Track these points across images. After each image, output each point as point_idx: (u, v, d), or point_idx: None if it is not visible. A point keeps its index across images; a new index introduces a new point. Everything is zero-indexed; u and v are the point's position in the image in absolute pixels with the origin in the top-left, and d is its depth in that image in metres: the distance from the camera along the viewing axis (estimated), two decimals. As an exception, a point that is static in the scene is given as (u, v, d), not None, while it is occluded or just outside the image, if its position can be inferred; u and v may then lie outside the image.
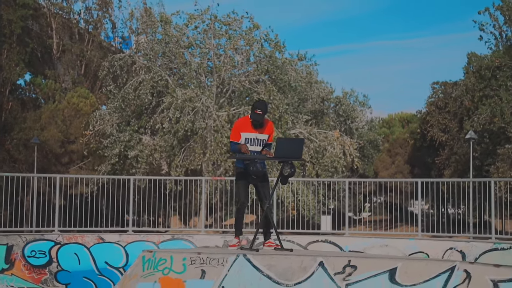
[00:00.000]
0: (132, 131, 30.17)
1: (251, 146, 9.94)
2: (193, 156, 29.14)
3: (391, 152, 44.40)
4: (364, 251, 14.44)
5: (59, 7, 39.37)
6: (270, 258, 8.87)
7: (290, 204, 26.03)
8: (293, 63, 31.93)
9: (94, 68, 37.80)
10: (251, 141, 9.94)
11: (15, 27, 33.51)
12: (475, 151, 32.10)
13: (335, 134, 31.25)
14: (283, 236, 14.72)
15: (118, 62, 30.84)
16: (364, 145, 40.17)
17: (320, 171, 29.95)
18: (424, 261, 8.83)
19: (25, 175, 17.60)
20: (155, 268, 9.09)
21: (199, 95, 28.47)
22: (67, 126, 33.78)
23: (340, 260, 8.60)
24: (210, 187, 23.42)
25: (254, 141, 9.96)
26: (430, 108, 37.87)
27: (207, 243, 15.39)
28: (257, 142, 9.98)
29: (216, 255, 9.04)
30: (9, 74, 33.30)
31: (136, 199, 17.56)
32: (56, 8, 39.35)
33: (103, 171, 29.96)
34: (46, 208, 16.39)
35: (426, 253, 14.35)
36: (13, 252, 14.02)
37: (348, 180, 17.43)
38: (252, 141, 9.95)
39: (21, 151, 33.53)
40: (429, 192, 16.27)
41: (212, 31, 29.82)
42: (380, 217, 35.52)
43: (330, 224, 27.20)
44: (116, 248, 15.10)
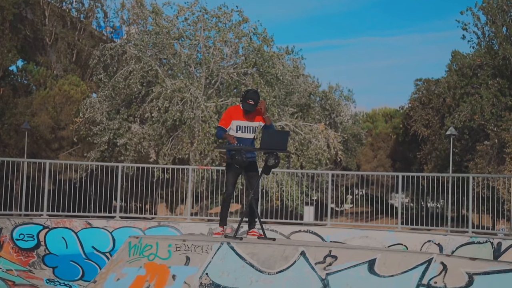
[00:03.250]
0: (121, 119, 30.10)
1: (242, 133, 9.99)
2: (180, 145, 29.11)
3: (374, 146, 44.53)
4: (345, 242, 14.50)
5: (52, -5, 39.10)
6: (253, 246, 8.91)
7: (274, 195, 26.08)
8: (281, 57, 31.90)
9: (85, 57, 37.59)
10: (242, 129, 10.00)
11: (8, 13, 33.24)
12: (455, 147, 32.28)
13: (320, 127, 31.29)
14: (267, 226, 14.74)
15: (109, 52, 30.69)
16: (348, 139, 40.31)
17: (305, 163, 30.01)
18: (402, 253, 8.89)
19: (15, 160, 17.54)
20: (141, 253, 9.12)
21: (188, 85, 28.43)
22: (57, 113, 33.63)
23: (321, 250, 8.66)
24: (196, 176, 23.42)
25: (246, 128, 10.01)
26: (414, 104, 37.98)
27: (192, 230, 15.39)
28: (248, 130, 10.03)
29: (201, 242, 9.08)
30: (1, 60, 33.06)
31: (124, 186, 17.54)
32: (49, -4, 39.06)
33: (92, 158, 29.89)
34: (35, 192, 16.35)
35: (405, 245, 14.42)
36: (1, 235, 13.97)
37: (331, 172, 17.47)
38: (243, 129, 10.00)
39: (12, 136, 33.37)
40: (410, 186, 16.37)
41: (202, 23, 29.75)
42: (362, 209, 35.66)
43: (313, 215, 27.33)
44: (103, 233, 15.09)
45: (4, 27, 33.27)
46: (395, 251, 9.51)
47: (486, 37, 33.35)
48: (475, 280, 7.61)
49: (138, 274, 8.97)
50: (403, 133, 40.23)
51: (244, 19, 30.19)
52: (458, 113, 31.51)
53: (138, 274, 8.97)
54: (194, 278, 8.70)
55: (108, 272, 9.23)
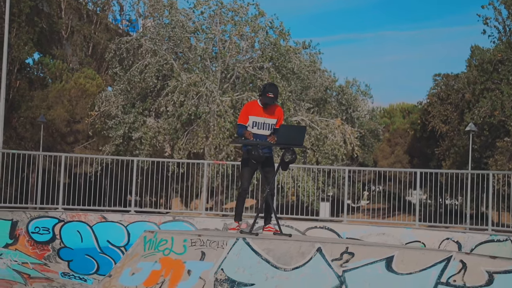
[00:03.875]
0: (136, 113, 30.15)
1: (258, 129, 9.89)
2: (196, 140, 29.12)
3: (391, 142, 44.37)
4: (361, 239, 14.44)
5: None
6: (269, 242, 8.88)
7: (290, 190, 26.04)
8: (297, 51, 31.81)
9: (101, 50, 37.74)
10: (258, 125, 9.90)
11: (24, 6, 33.40)
12: (475, 144, 32.07)
13: (336, 122, 31.18)
14: (282, 221, 14.73)
15: (125, 45, 30.76)
16: (365, 134, 40.16)
17: (321, 159, 29.93)
18: (420, 250, 8.82)
19: (31, 153, 17.62)
20: (156, 248, 9.12)
21: (204, 79, 28.41)
22: (73, 106, 33.80)
23: (338, 247, 8.61)
24: (211, 171, 23.43)
25: (262, 125, 9.92)
26: (432, 99, 37.77)
27: (207, 225, 15.40)
28: (264, 126, 9.93)
29: (216, 237, 9.06)
30: (17, 52, 33.23)
31: (139, 180, 17.56)
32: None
33: (107, 152, 29.98)
34: (50, 186, 16.43)
35: (422, 243, 14.34)
36: (17, 228, 14.05)
37: (348, 168, 17.41)
38: (259, 125, 9.90)
39: (28, 129, 33.58)
40: (428, 183, 16.27)
41: (218, 17, 29.71)
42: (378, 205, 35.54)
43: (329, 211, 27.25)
44: (118, 228, 15.14)
45: (20, 20, 33.42)
46: (413, 249, 9.46)
47: (507, 31, 33.07)
48: (495, 279, 7.54)
49: (153, 268, 8.97)
50: (421, 129, 40.03)
51: (260, 13, 30.11)
52: (478, 109, 31.27)
53: (153, 268, 8.97)
54: (210, 273, 8.69)
55: (123, 267, 9.24)
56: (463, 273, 7.74)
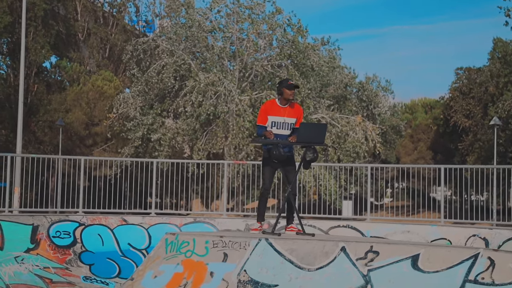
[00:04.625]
0: (155, 115, 30.26)
1: (277, 129, 9.80)
2: (215, 140, 29.17)
3: (414, 138, 44.15)
4: (385, 237, 14.36)
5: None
6: (292, 242, 8.84)
7: (311, 189, 25.98)
8: (316, 48, 31.74)
9: (118, 52, 37.94)
10: (278, 125, 9.81)
11: (38, 9, 33.65)
12: (499, 138, 31.80)
13: (357, 119, 31.07)
14: (305, 221, 14.67)
15: (142, 46, 30.86)
16: (387, 131, 39.94)
17: (342, 156, 29.85)
18: (447, 248, 8.75)
19: (50, 157, 17.73)
20: (178, 250, 9.11)
21: (222, 79, 28.44)
22: (91, 109, 34.01)
23: (362, 246, 8.55)
24: (232, 171, 23.43)
25: (281, 124, 9.83)
26: (454, 94, 37.53)
27: (228, 226, 15.39)
28: (284, 126, 9.85)
29: (238, 238, 9.04)
30: (35, 56, 33.52)
31: (159, 181, 17.60)
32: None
33: (126, 154, 30.11)
34: (70, 189, 16.52)
35: (448, 240, 14.22)
36: (38, 232, 14.13)
37: (370, 166, 17.30)
38: (279, 125, 9.81)
39: (46, 132, 33.86)
40: (452, 179, 16.13)
41: (235, 15, 29.72)
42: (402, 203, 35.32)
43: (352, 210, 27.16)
44: (139, 230, 15.17)
45: (36, 23, 33.69)
46: (439, 246, 9.37)
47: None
48: (525, 276, 7.46)
49: (175, 271, 8.97)
50: (444, 124, 39.78)
51: (277, 10, 30.10)
52: (502, 102, 31.03)
53: (176, 271, 8.97)
54: (232, 275, 8.68)
55: (145, 270, 9.25)
56: (491, 270, 7.66)
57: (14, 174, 19.47)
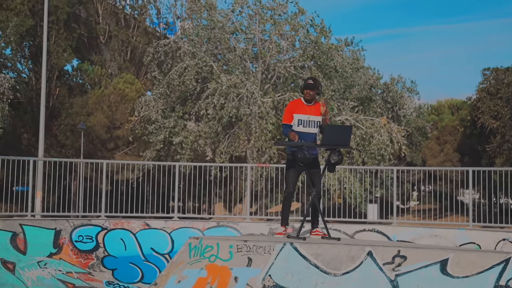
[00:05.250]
0: (177, 117, 30.31)
1: (304, 127, 9.80)
2: (237, 143, 29.16)
3: (440, 140, 43.82)
4: (413, 241, 14.25)
5: (105, -8, 39.77)
6: (317, 246, 8.80)
7: (335, 192, 25.87)
8: (339, 49, 31.62)
9: (140, 54, 38.13)
10: (304, 123, 9.81)
11: (61, 13, 33.93)
12: (528, 139, 31.47)
13: (382, 121, 30.88)
14: (329, 225, 14.59)
15: (163, 48, 30.95)
16: (412, 132, 39.63)
17: (367, 159, 29.67)
18: (476, 252, 8.65)
19: (72, 160, 17.86)
20: (201, 255, 9.10)
21: (244, 81, 28.43)
22: (113, 112, 34.21)
23: (389, 250, 8.48)
24: (255, 174, 23.42)
25: (307, 122, 9.82)
26: (481, 95, 37.22)
27: (252, 230, 15.37)
28: (310, 124, 9.84)
29: (263, 243, 9.01)
30: (56, 59, 33.81)
31: (181, 185, 17.63)
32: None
33: (148, 157, 30.18)
34: (92, 193, 16.59)
35: (477, 244, 14.08)
36: (61, 237, 14.22)
37: (396, 168, 17.20)
38: (305, 123, 9.81)
39: (68, 136, 34.11)
40: (480, 181, 15.97)
41: (258, 16, 29.71)
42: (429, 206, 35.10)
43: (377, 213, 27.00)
44: (162, 234, 15.20)
45: (59, 27, 33.97)
46: (468, 251, 9.29)
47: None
48: (558, 281, 7.35)
49: (199, 276, 8.96)
50: (471, 125, 39.46)
51: (300, 11, 30.04)
52: (530, 102, 30.70)
53: (199, 276, 8.96)
54: (257, 280, 8.65)
55: (169, 274, 9.25)
56: (523, 276, 7.56)
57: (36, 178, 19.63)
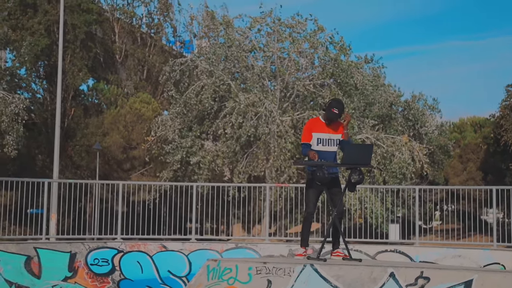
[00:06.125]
0: (194, 137, 30.37)
1: (323, 146, 9.77)
2: (256, 162, 29.16)
3: (463, 158, 43.57)
4: (436, 262, 14.18)
5: (122, 11, 40.11)
6: (338, 268, 8.78)
7: (356, 212, 25.78)
8: (359, 66, 31.64)
9: (156, 73, 38.33)
10: (323, 141, 9.78)
11: (79, 32, 34.27)
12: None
13: (403, 139, 30.78)
14: (350, 246, 14.54)
15: (179, 67, 31.06)
16: (434, 151, 39.45)
17: (388, 178, 29.55)
18: (501, 273, 8.58)
19: (87, 182, 17.95)
20: (220, 277, 9.11)
21: (262, 99, 28.49)
22: (129, 132, 34.36)
23: (412, 271, 8.46)
24: (274, 194, 23.39)
25: (327, 141, 9.80)
26: (504, 112, 37.03)
27: (271, 252, 15.35)
28: (330, 142, 9.81)
29: (282, 264, 9.00)
30: (72, 79, 34.09)
31: (199, 206, 17.66)
32: (119, 12, 40.08)
33: (165, 178, 30.22)
34: (108, 215, 16.64)
35: (502, 265, 13.99)
36: (76, 260, 14.27)
37: (418, 187, 17.14)
38: (324, 141, 9.79)
39: (83, 157, 34.27)
40: (504, 200, 15.87)
41: (276, 34, 29.81)
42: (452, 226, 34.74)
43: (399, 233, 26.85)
44: (179, 257, 15.21)
45: (75, 46, 34.29)
46: (493, 271, 9.22)
47: None
48: None
49: (217, 299, 8.98)
50: (494, 143, 39.22)
51: (319, 28, 30.11)
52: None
53: (218, 298, 8.98)
54: (277, 302, 8.65)
55: (187, 297, 9.28)
56: (550, 297, 7.49)
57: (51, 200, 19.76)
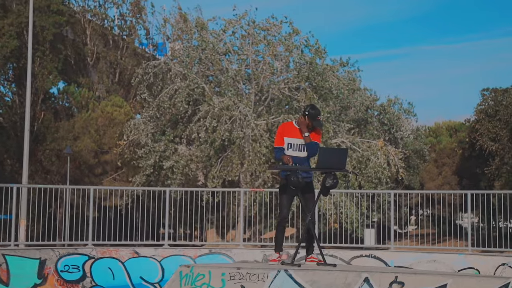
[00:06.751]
0: (167, 141, 30.31)
1: (294, 151, 9.81)
2: (230, 167, 29.17)
3: (438, 163, 43.96)
4: (410, 267, 14.29)
5: (93, 13, 39.91)
6: (312, 273, 8.82)
7: (331, 217, 25.89)
8: (335, 70, 31.79)
9: (128, 76, 38.22)
10: (293, 147, 9.82)
11: (48, 34, 34.00)
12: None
13: (379, 144, 31.01)
14: (325, 251, 14.62)
15: (153, 70, 30.97)
16: (410, 155, 39.76)
17: (363, 182, 29.74)
18: (475, 278, 8.68)
19: (57, 187, 17.83)
20: (193, 283, 9.10)
21: (237, 103, 28.52)
22: (100, 136, 34.17)
23: (386, 276, 8.52)
24: (248, 199, 23.42)
25: (298, 146, 9.85)
26: (480, 116, 37.40)
27: (245, 257, 15.36)
28: (301, 148, 9.85)
29: (256, 270, 9.02)
30: (42, 82, 33.80)
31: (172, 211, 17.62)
32: (91, 14, 39.87)
33: (137, 183, 30.13)
34: (79, 221, 16.54)
35: (476, 269, 14.14)
36: (46, 267, 14.16)
37: (393, 192, 17.26)
38: (295, 147, 9.82)
39: (54, 162, 34.00)
40: (479, 205, 16.04)
41: (251, 37, 29.87)
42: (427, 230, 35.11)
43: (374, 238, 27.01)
44: (152, 263, 15.16)
45: (44, 48, 34.01)
46: (467, 276, 9.32)
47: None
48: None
49: (190, 305, 8.97)
50: (470, 147, 39.61)
51: (294, 31, 30.24)
52: (530, 124, 30.86)
53: (191, 305, 8.97)
54: (250, 308, 8.66)
55: (159, 304, 9.27)
56: (523, 302, 7.60)
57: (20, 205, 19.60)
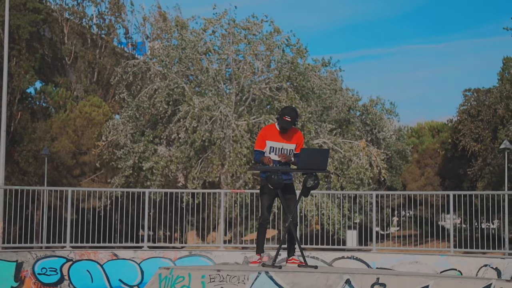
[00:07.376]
0: (146, 142, 30.24)
1: (275, 155, 9.82)
2: (211, 168, 29.16)
3: (421, 163, 44.18)
4: (392, 268, 14.37)
5: (71, 11, 39.66)
6: (293, 275, 8.85)
7: (313, 218, 25.96)
8: (317, 69, 31.86)
9: (107, 76, 38.01)
10: (276, 150, 9.81)
11: (23, 32, 33.76)
12: (510, 162, 31.85)
13: (361, 144, 31.13)
14: (307, 252, 14.68)
15: (132, 69, 30.88)
16: (392, 156, 39.97)
17: (345, 183, 29.84)
18: (457, 279, 8.75)
19: (35, 188, 17.73)
20: (172, 286, 9.10)
21: (217, 103, 28.51)
22: (78, 137, 34.00)
23: (368, 278, 8.57)
24: (229, 200, 23.42)
25: (280, 150, 9.83)
26: (462, 117, 37.63)
27: (226, 259, 15.38)
28: (283, 152, 9.85)
29: (237, 272, 9.04)
30: (18, 82, 33.54)
31: (151, 213, 17.60)
32: (68, 12, 39.63)
33: (116, 184, 30.03)
34: (57, 223, 16.47)
35: (459, 271, 14.24)
36: (23, 269, 14.10)
37: (375, 193, 17.35)
38: (277, 151, 9.81)
39: (31, 163, 33.76)
40: (461, 206, 16.16)
41: (231, 36, 29.86)
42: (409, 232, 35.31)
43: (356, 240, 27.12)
44: (131, 265, 15.13)
45: (20, 47, 33.76)
46: (449, 277, 9.38)
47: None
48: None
49: (170, 308, 8.97)
50: (452, 148, 39.85)
51: (275, 30, 30.26)
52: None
53: (170, 308, 8.97)
54: (231, 311, 8.68)
55: (138, 307, 9.26)
56: (504, 303, 7.67)
57: (-3, 207, 19.44)
